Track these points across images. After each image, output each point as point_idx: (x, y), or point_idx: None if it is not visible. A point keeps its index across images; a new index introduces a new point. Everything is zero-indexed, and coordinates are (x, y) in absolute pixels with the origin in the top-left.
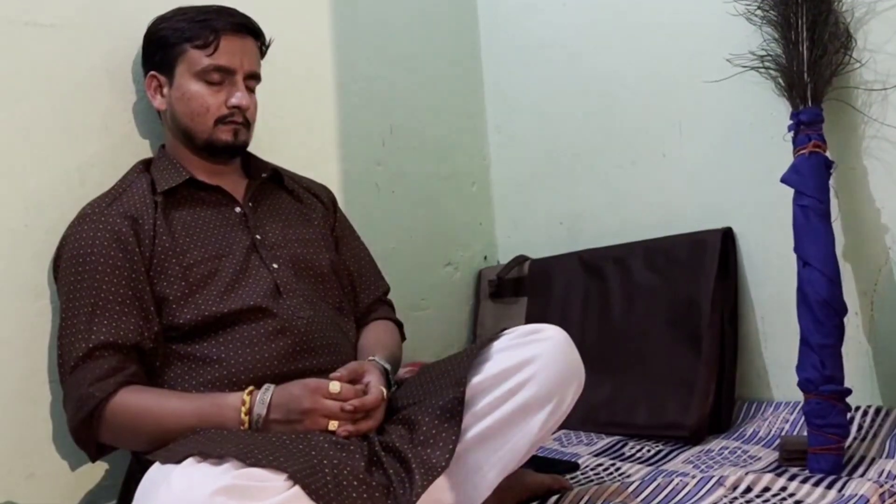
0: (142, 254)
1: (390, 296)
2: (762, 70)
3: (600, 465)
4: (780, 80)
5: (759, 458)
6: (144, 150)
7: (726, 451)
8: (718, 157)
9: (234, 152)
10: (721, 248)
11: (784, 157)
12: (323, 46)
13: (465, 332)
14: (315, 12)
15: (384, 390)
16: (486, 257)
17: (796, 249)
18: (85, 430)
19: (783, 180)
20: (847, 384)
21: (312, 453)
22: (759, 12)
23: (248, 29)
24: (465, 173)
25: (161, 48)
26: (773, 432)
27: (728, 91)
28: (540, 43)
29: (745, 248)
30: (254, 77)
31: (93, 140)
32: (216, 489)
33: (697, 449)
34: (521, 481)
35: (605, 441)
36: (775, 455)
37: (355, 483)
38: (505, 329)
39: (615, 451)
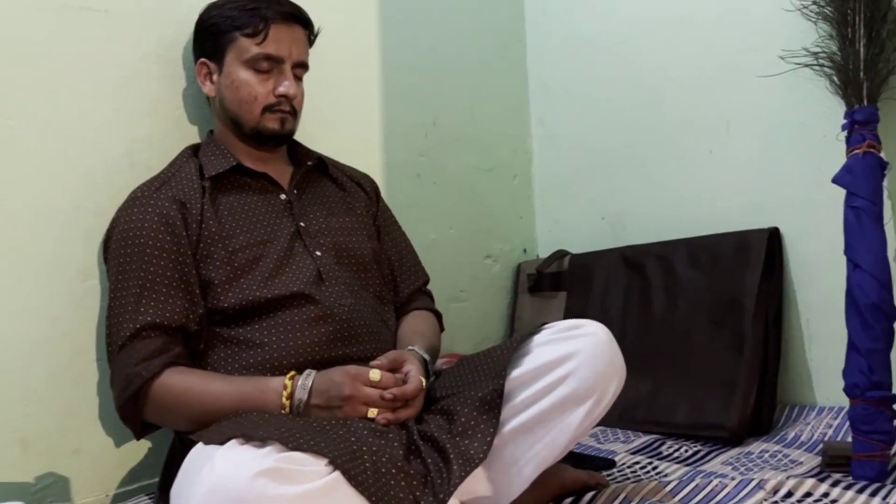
0: (189, 237)
1: (430, 286)
2: (816, 67)
3: (637, 463)
4: (835, 79)
5: (801, 463)
6: (193, 135)
7: (767, 455)
8: (767, 155)
9: (280, 140)
10: (767, 248)
11: (836, 156)
12: (369, 37)
13: (503, 324)
14: (362, 3)
15: (423, 380)
16: (525, 251)
17: (846, 252)
18: (131, 409)
19: (835, 181)
20: (895, 390)
21: (352, 440)
22: (814, 8)
23: (297, 18)
24: (507, 166)
25: (211, 36)
26: (815, 437)
27: (779, 88)
28: (586, 36)
29: (792, 249)
30: (302, 66)
31: (143, 124)
32: (259, 471)
33: (737, 451)
34: (558, 476)
35: (643, 439)
36: (817, 460)
37: (393, 471)
38: (545, 323)
39: (653, 450)
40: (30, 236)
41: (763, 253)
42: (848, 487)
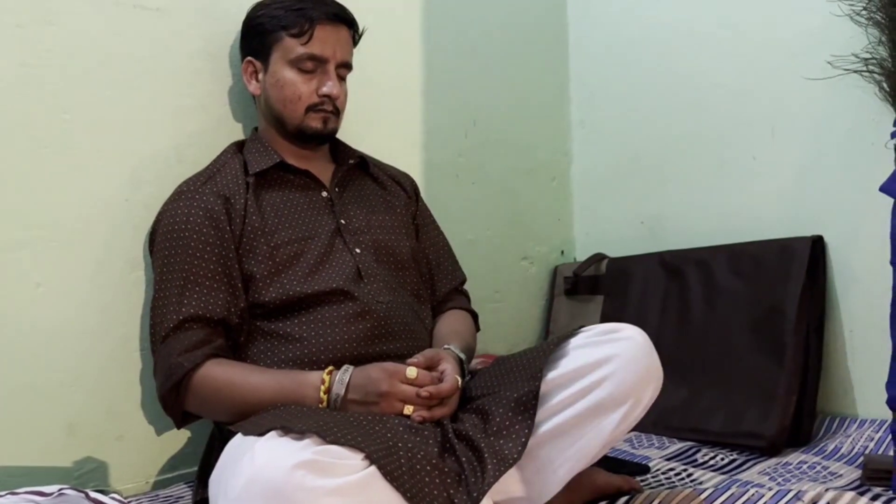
0: (232, 232)
1: (466, 286)
2: (865, 73)
3: (672, 469)
4: (885, 85)
5: (840, 476)
6: (238, 132)
7: (805, 466)
8: (813, 162)
9: (322, 139)
10: (810, 256)
11: (884, 165)
12: (412, 37)
13: (539, 326)
14: (405, 3)
15: (459, 379)
16: (562, 253)
17: (893, 262)
18: (172, 398)
19: (883, 189)
20: None
21: (388, 435)
22: (864, 13)
23: (342, 18)
24: (546, 168)
25: (258, 35)
26: (856, 449)
27: (826, 93)
28: (629, 38)
29: (836, 258)
30: (345, 66)
31: (191, 120)
32: (297, 463)
33: (774, 461)
34: (592, 480)
35: (678, 446)
36: (857, 473)
37: (428, 468)
38: (582, 326)
39: (688, 457)
40: (81, 228)
41: (806, 261)
42: (888, 502)
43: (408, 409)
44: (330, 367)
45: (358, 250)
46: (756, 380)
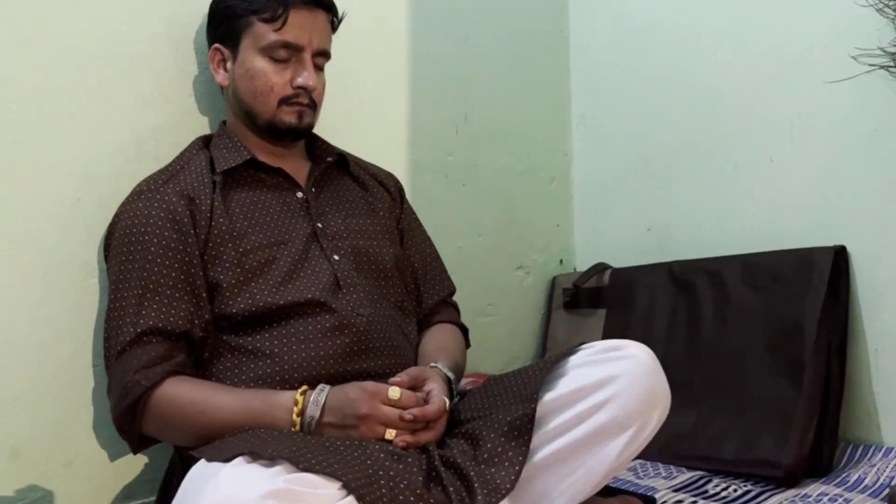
0: (197, 236)
1: (455, 298)
2: (893, 69)
3: (680, 501)
4: None
5: None
6: (204, 125)
7: (825, 498)
8: (834, 164)
9: (297, 135)
10: (832, 268)
11: None
12: (397, 23)
13: (534, 343)
14: None
15: (447, 400)
16: (561, 262)
17: None
18: (128, 420)
19: None
20: None
21: (368, 462)
22: (892, 4)
23: (319, 2)
24: (544, 168)
25: (226, 19)
26: (881, 480)
27: (850, 91)
28: (637, 27)
29: (860, 271)
30: (323, 55)
31: (151, 112)
32: (267, 492)
33: (792, 493)
34: None
35: (687, 476)
36: None
37: (412, 498)
38: (583, 343)
39: (698, 488)
40: (27, 230)
41: (827, 274)
42: None
43: (390, 434)
44: (304, 387)
45: (336, 257)
46: (772, 403)
